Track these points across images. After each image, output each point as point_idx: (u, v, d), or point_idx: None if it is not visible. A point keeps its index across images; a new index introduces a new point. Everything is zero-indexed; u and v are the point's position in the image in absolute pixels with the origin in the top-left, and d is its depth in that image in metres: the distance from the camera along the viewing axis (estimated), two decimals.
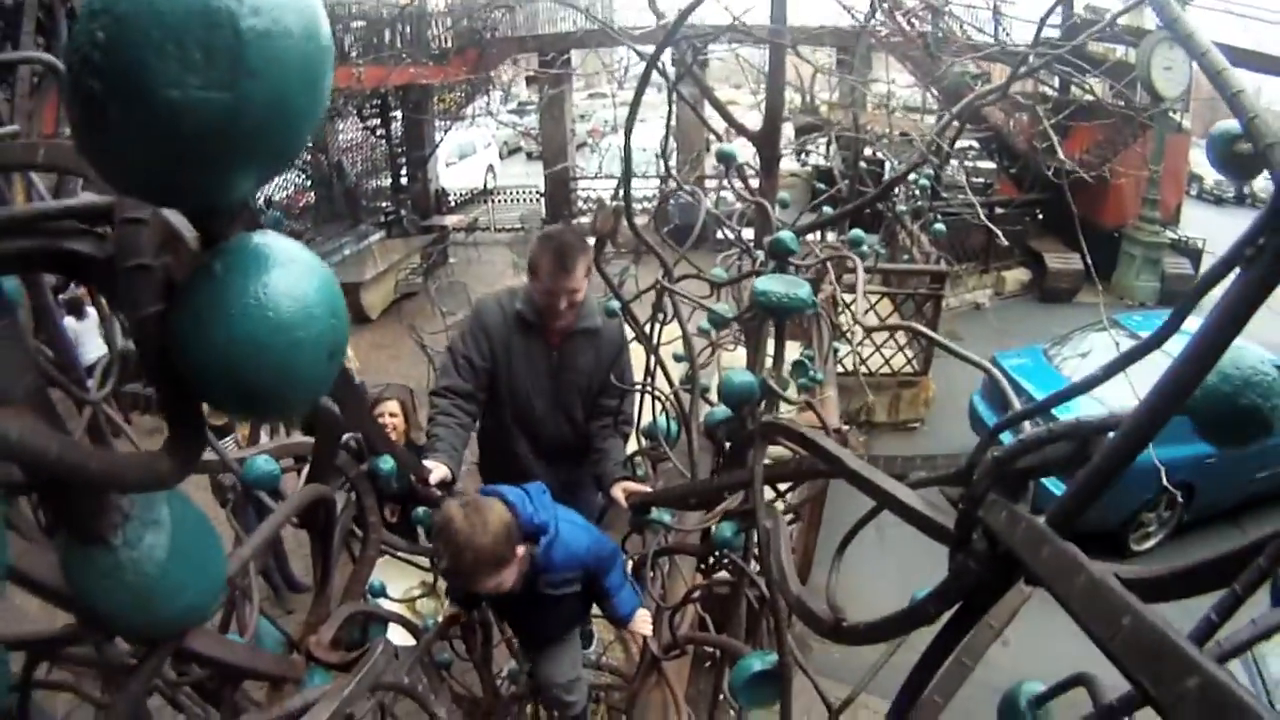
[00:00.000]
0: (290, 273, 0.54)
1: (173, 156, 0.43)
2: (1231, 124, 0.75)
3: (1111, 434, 0.74)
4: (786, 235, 1.80)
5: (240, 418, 1.25)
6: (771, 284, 1.51)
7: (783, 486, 2.26)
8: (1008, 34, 14.07)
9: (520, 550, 2.39)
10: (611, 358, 3.43)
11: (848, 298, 6.62)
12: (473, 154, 22.89)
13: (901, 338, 9.77)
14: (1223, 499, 7.86)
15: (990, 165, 17.34)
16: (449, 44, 16.16)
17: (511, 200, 20.29)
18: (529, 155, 27.00)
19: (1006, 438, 0.91)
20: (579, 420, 3.51)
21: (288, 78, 0.44)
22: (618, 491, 3.06)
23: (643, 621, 2.68)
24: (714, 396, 2.85)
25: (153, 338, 0.57)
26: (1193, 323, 0.68)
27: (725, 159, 2.76)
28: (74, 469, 0.58)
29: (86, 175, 0.85)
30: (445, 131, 17.65)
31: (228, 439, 5.95)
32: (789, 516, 2.88)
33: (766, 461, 1.52)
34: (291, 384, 0.54)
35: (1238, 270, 0.66)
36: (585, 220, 17.43)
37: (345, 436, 1.93)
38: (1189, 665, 0.54)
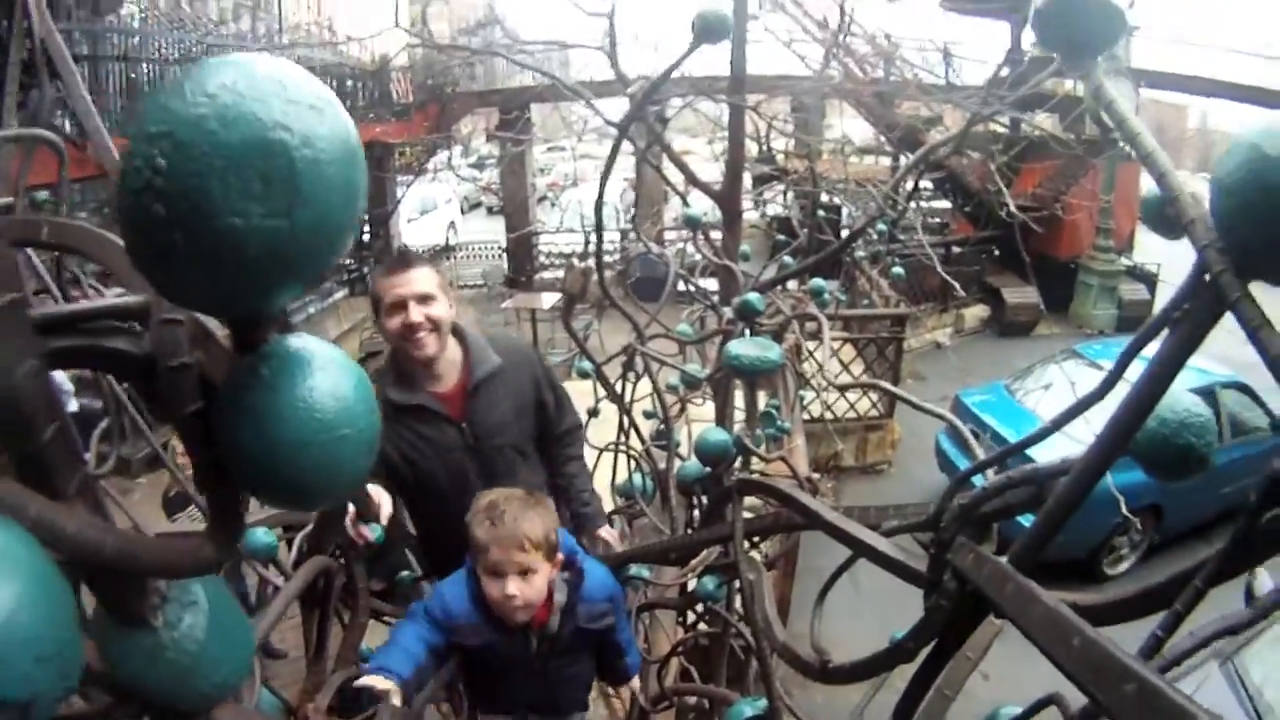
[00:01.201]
0: (331, 374, 0.59)
1: (230, 276, 0.47)
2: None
3: (1063, 478, 0.83)
4: (753, 298, 1.89)
5: (282, 508, 1.29)
6: (743, 348, 1.59)
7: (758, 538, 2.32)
8: (957, 75, 14.49)
9: (557, 562, 2.23)
10: (532, 385, 2.87)
11: (811, 345, 6.78)
12: (434, 209, 22.80)
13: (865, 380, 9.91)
14: (1192, 517, 8.05)
15: (945, 204, 17.75)
16: (411, 99, 16.32)
17: (473, 256, 20.33)
18: (490, 210, 27.11)
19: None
20: (528, 464, 2.90)
21: (334, 201, 0.48)
22: (605, 535, 2.90)
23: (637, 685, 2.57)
24: (684, 450, 2.92)
25: (196, 432, 0.62)
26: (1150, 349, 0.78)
27: (691, 222, 2.85)
28: (128, 560, 0.63)
29: (92, 256, 0.88)
30: (407, 187, 17.70)
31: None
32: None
33: (745, 515, 1.58)
34: (336, 478, 0.59)
35: (1167, 330, 0.75)
36: (548, 275, 17.55)
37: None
38: (1128, 674, 0.63)
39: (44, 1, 1.85)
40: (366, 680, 1.98)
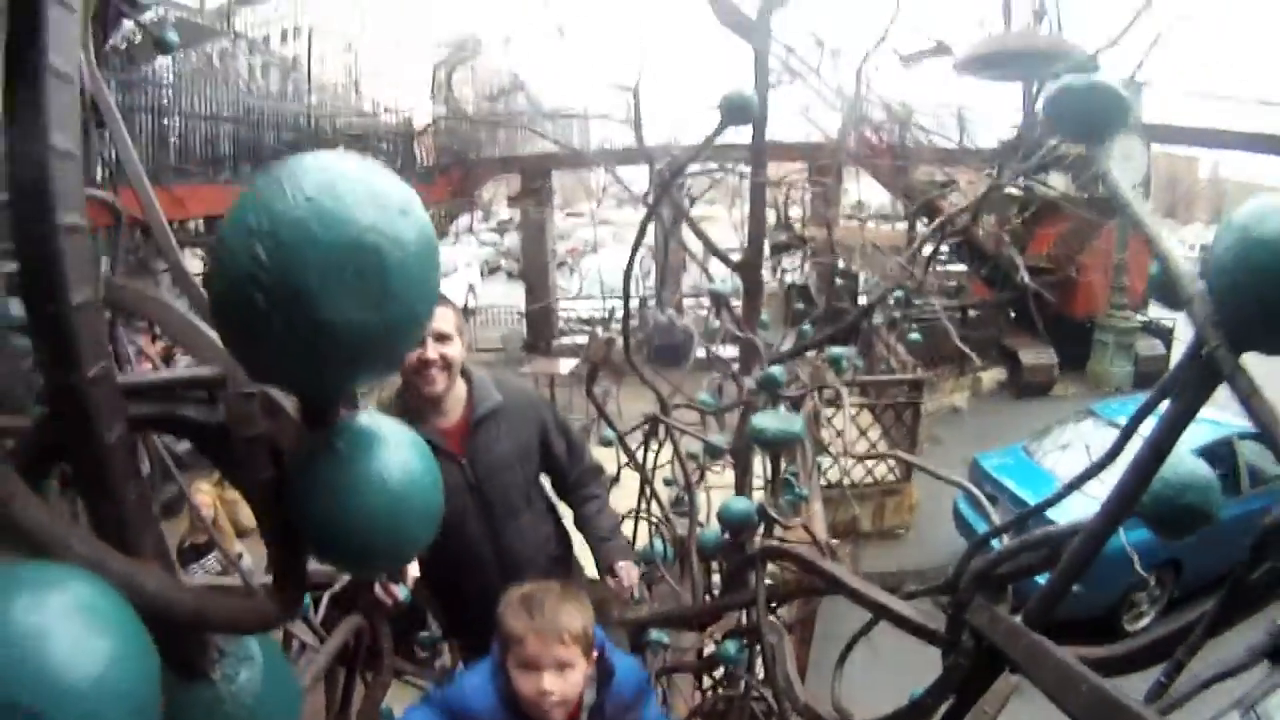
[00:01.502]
0: (399, 449, 0.64)
1: (320, 362, 0.52)
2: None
3: (1075, 539, 0.88)
4: (776, 371, 1.95)
5: (344, 571, 1.32)
6: (767, 421, 1.64)
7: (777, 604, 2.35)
8: (971, 140, 14.66)
9: (592, 659, 2.09)
10: (537, 428, 2.86)
11: (828, 412, 6.82)
12: (454, 272, 23.09)
13: (882, 446, 9.90)
14: (1211, 568, 7.90)
15: (961, 268, 17.85)
16: (434, 162, 16.58)
17: (492, 320, 20.50)
18: (509, 274, 27.40)
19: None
20: (532, 510, 2.89)
21: (417, 295, 0.53)
22: (624, 569, 2.79)
23: None
24: (702, 518, 2.95)
25: (269, 500, 0.68)
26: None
27: (716, 297, 2.92)
28: (200, 618, 0.68)
29: (153, 318, 0.93)
30: None
31: (209, 557, 5.94)
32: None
33: (767, 581, 1.62)
34: (402, 546, 0.64)
35: (1168, 400, 0.81)
36: (566, 341, 17.67)
37: None
38: (1128, 713, 0.70)
39: (93, 54, 1.92)
40: None
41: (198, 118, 11.07)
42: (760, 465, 3.67)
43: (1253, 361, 0.73)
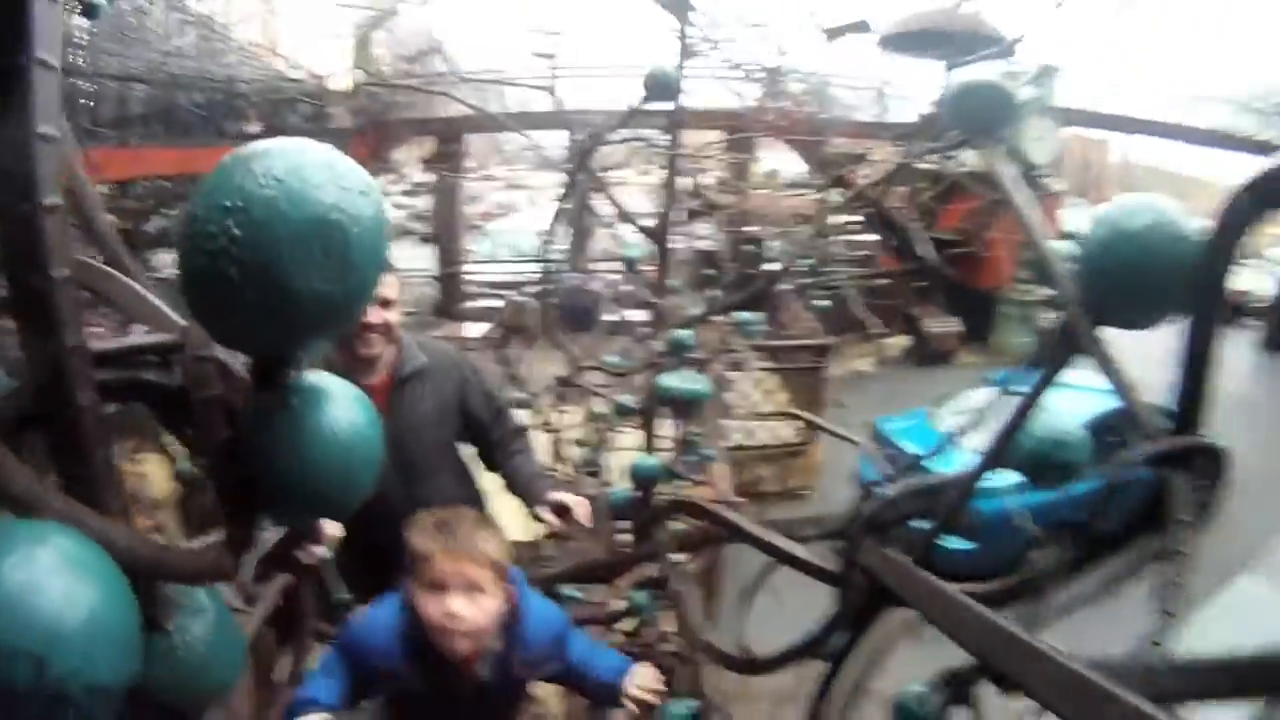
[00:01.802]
0: (345, 403, 0.71)
1: (287, 328, 0.58)
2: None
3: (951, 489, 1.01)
4: (684, 334, 2.03)
5: (297, 522, 1.32)
6: (675, 380, 1.73)
7: (683, 557, 2.44)
8: (888, 113, 14.93)
9: (506, 595, 1.95)
10: (459, 389, 2.85)
11: (732, 375, 6.95)
12: None
13: (788, 408, 10.11)
14: (1108, 530, 8.32)
15: (873, 238, 18.21)
16: (351, 125, 16.16)
17: (403, 284, 20.02)
18: (421, 239, 26.86)
19: None
20: (450, 471, 2.90)
21: (372, 266, 0.59)
22: (555, 497, 2.69)
23: (645, 676, 2.06)
24: (612, 480, 3.03)
25: (225, 458, 0.73)
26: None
27: (629, 262, 2.99)
28: (165, 568, 0.74)
29: (98, 290, 0.96)
30: None
31: None
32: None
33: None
34: (351, 492, 0.71)
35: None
36: (476, 305, 17.49)
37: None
38: (1001, 632, 0.83)
39: None
40: None
41: (110, 78, 10.55)
42: (668, 428, 3.78)
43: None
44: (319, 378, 0.73)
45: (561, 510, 2.66)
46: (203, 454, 0.78)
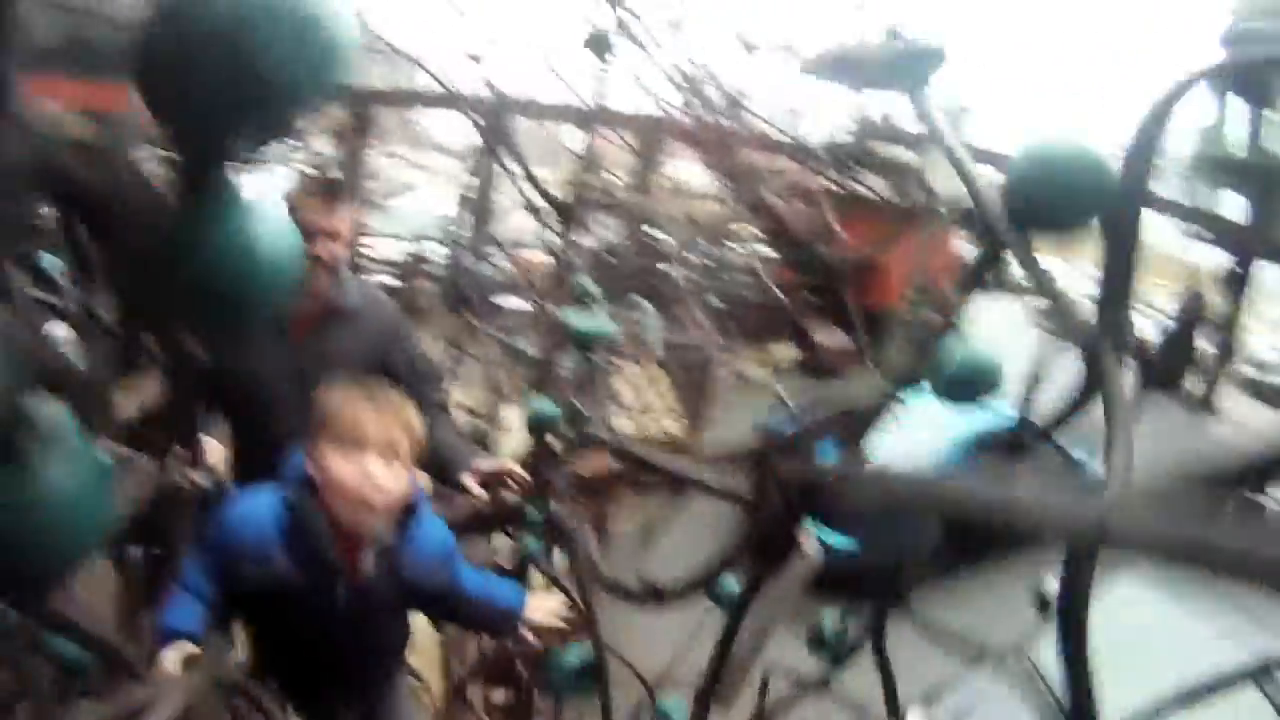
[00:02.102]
0: (267, 209, 0.69)
1: (234, 106, 0.56)
2: None
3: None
4: (587, 280, 2.00)
5: (212, 326, 1.18)
6: (579, 318, 1.67)
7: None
8: (798, 136, 15.29)
9: (411, 480, 1.83)
10: (385, 343, 2.73)
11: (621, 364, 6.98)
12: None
13: (674, 404, 10.17)
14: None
15: (771, 254, 18.57)
16: None
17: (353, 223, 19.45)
18: None
19: None
20: None
21: (334, 61, 0.57)
22: (485, 464, 2.52)
23: (541, 608, 2.03)
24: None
25: (149, 263, 0.69)
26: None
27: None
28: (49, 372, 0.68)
29: None
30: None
31: None
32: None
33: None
34: (273, 295, 0.68)
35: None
36: (376, 279, 17.13)
37: None
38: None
39: None
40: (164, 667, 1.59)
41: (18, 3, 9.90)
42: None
43: None
44: (236, 176, 0.69)
45: (489, 480, 2.47)
46: (123, 264, 0.73)
